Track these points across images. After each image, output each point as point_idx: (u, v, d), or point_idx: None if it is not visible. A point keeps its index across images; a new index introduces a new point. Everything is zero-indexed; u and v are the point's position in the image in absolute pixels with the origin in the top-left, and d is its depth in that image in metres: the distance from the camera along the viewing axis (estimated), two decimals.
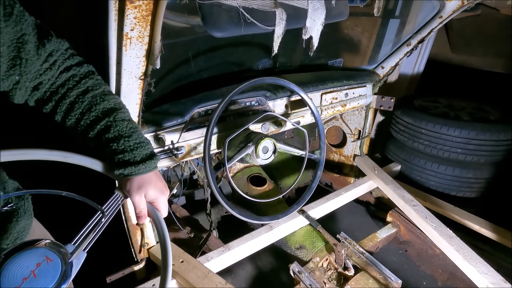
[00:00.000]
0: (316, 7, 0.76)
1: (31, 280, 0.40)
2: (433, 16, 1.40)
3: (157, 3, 0.58)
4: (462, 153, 1.72)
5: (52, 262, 0.42)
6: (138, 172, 0.64)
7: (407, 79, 2.43)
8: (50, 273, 0.41)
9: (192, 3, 0.69)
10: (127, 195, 0.67)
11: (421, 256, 1.61)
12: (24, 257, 0.41)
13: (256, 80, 1.09)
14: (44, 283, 0.40)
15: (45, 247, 0.43)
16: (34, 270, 0.40)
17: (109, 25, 0.62)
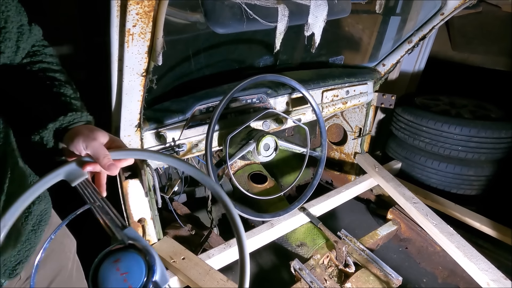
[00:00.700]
0: (318, 4, 0.76)
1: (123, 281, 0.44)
2: (434, 13, 1.40)
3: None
4: (463, 150, 1.72)
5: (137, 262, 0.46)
6: (88, 118, 0.60)
7: (408, 77, 2.43)
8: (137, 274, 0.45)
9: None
10: (82, 150, 0.55)
11: (422, 253, 1.61)
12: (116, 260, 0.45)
13: (258, 77, 1.09)
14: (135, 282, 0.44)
15: (129, 251, 0.47)
16: (124, 274, 0.44)
17: (111, 21, 0.62)
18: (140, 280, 0.44)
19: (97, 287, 0.44)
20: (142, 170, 1.07)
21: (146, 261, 0.46)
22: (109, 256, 0.46)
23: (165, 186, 1.54)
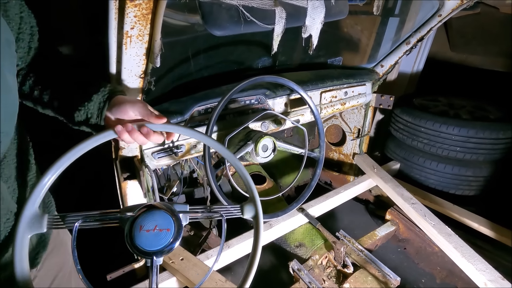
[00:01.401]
0: (316, 6, 0.76)
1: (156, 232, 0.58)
2: (432, 14, 1.41)
3: (157, 1, 0.59)
4: (461, 151, 1.73)
5: (167, 219, 0.59)
6: (121, 88, 0.68)
7: (407, 78, 2.43)
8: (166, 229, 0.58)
9: (192, 1, 0.69)
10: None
11: (420, 253, 1.62)
12: (149, 216, 0.58)
13: (256, 79, 1.09)
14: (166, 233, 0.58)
15: (161, 209, 0.60)
16: (157, 226, 0.57)
17: (109, 23, 0.62)
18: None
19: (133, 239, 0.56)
20: (140, 171, 1.08)
21: None
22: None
23: (163, 187, 1.54)
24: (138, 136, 0.61)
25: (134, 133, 0.60)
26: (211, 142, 0.68)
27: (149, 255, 0.56)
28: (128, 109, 0.62)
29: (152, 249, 0.56)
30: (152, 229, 0.57)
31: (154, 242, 0.56)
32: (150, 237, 0.56)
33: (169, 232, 0.58)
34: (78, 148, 0.58)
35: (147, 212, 0.58)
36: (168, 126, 0.64)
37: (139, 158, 1.09)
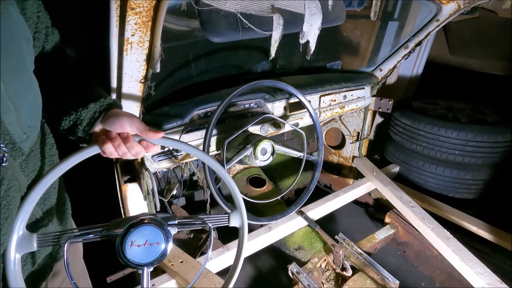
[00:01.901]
0: (313, 12, 0.78)
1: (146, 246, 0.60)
2: (430, 19, 1.42)
3: (157, 9, 0.60)
4: (460, 154, 1.74)
5: (156, 233, 0.61)
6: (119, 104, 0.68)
7: (406, 81, 2.45)
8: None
9: (191, 8, 0.71)
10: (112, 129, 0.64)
11: (419, 257, 1.62)
12: (139, 231, 0.60)
13: (255, 83, 1.10)
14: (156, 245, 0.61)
15: (150, 224, 0.61)
16: (147, 241, 0.60)
17: (111, 30, 0.64)
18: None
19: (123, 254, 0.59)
20: (141, 174, 1.09)
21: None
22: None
23: (164, 189, 1.55)
24: (136, 148, 0.61)
25: (132, 144, 0.61)
26: (201, 154, 0.69)
27: (140, 267, 0.60)
28: (125, 122, 0.62)
29: (144, 262, 0.60)
30: (142, 244, 0.60)
31: (145, 256, 0.60)
32: (141, 252, 0.60)
33: (159, 245, 0.61)
34: (62, 165, 0.58)
35: (137, 227, 0.60)
36: (164, 141, 0.64)
37: (139, 161, 1.10)
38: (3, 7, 0.48)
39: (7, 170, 0.52)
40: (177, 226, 0.64)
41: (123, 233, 0.59)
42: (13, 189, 0.54)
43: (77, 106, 0.62)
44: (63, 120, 0.63)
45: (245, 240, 0.70)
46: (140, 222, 0.60)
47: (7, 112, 0.50)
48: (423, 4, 1.40)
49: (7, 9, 0.49)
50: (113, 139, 0.60)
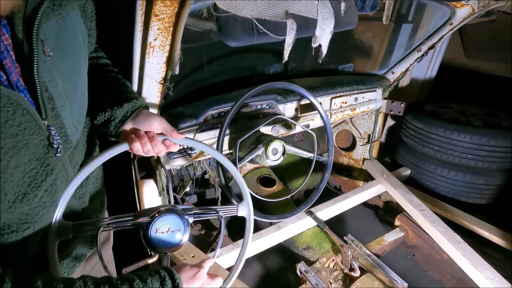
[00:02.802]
0: (325, 17, 0.80)
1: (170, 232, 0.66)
2: (443, 23, 1.42)
3: (179, 16, 0.64)
4: (473, 159, 1.72)
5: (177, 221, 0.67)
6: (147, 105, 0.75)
7: (419, 84, 2.43)
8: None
9: (208, 13, 0.74)
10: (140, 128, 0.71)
11: (429, 261, 1.61)
12: (163, 220, 0.66)
13: (268, 85, 1.14)
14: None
15: (172, 214, 0.67)
16: (170, 228, 0.66)
17: (135, 35, 0.69)
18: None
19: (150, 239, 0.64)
20: (157, 171, 1.14)
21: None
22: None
23: (177, 186, 1.60)
24: (159, 146, 0.68)
25: (156, 143, 0.67)
26: (217, 154, 0.79)
27: (164, 252, 0.66)
28: (155, 122, 0.69)
29: (167, 247, 0.66)
30: (166, 231, 0.66)
31: (168, 242, 0.66)
32: (164, 238, 0.66)
33: (180, 231, 0.67)
34: (96, 160, 0.65)
35: (161, 216, 0.66)
36: (186, 141, 0.73)
37: (155, 158, 1.15)
38: (65, 12, 0.54)
39: (59, 161, 0.57)
40: (193, 216, 0.70)
41: (148, 221, 0.65)
42: (60, 179, 0.59)
43: (112, 105, 0.68)
44: (98, 115, 0.69)
45: (251, 228, 0.79)
46: (163, 211, 0.66)
47: (63, 107, 0.56)
48: (437, 8, 1.40)
49: (69, 13, 0.55)
50: (141, 137, 0.66)
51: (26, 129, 0.49)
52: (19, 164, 0.49)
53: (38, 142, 0.52)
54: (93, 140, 0.74)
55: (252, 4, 0.67)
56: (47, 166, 0.55)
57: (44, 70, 0.51)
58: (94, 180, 0.76)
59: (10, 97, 0.46)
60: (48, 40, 0.51)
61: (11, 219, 0.53)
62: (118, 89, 0.73)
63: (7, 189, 0.48)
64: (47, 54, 0.51)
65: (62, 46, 0.54)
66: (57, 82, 0.54)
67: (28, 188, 0.52)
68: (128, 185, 1.21)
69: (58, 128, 0.56)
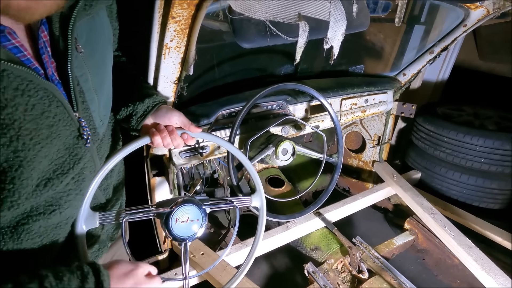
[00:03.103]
0: (337, 19, 0.81)
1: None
2: (457, 24, 1.40)
3: (195, 18, 0.66)
4: (486, 163, 1.69)
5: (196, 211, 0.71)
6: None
7: (431, 86, 2.40)
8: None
9: (222, 15, 0.76)
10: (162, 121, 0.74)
11: (439, 265, 1.59)
12: (182, 210, 0.70)
13: (279, 86, 1.15)
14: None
15: (191, 204, 0.71)
16: (189, 218, 0.70)
17: (152, 36, 0.71)
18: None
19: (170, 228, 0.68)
20: (168, 169, 1.17)
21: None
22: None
23: (187, 185, 1.63)
24: (178, 139, 0.72)
25: (175, 136, 0.71)
26: (232, 148, 0.84)
27: (183, 240, 0.70)
28: (174, 116, 0.73)
29: (186, 235, 0.70)
30: (185, 220, 0.70)
31: (187, 230, 0.70)
32: (184, 227, 0.70)
33: (198, 221, 0.71)
34: (121, 153, 0.69)
35: (180, 206, 0.70)
36: (203, 134, 0.77)
37: (168, 156, 1.17)
38: (94, 12, 0.57)
39: (87, 151, 0.60)
40: (210, 206, 0.74)
41: (169, 211, 0.68)
42: (88, 169, 0.63)
43: (134, 100, 0.72)
44: (121, 110, 0.73)
45: (264, 218, 0.83)
46: (182, 202, 0.69)
47: (92, 101, 0.59)
48: (450, 9, 1.39)
49: (98, 13, 0.59)
50: (161, 131, 0.70)
51: (60, 120, 0.53)
52: (48, 153, 0.52)
53: (69, 133, 0.55)
54: (117, 134, 0.78)
55: (266, 6, 0.69)
56: (76, 155, 0.58)
57: (76, 65, 0.54)
58: (117, 173, 0.79)
59: (47, 89, 0.50)
60: (80, 38, 0.55)
61: (38, 202, 0.56)
62: (139, 85, 0.77)
63: (34, 175, 0.51)
64: (79, 51, 0.54)
65: (92, 43, 0.58)
66: (87, 77, 0.57)
67: (53, 174, 0.55)
68: (140, 182, 1.24)
69: (87, 120, 0.59)
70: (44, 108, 0.50)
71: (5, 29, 0.46)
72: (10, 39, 0.47)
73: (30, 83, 0.47)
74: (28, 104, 0.47)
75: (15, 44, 0.47)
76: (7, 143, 0.46)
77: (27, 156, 0.49)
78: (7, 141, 0.46)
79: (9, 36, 0.46)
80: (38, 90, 0.48)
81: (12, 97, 0.45)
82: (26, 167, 0.49)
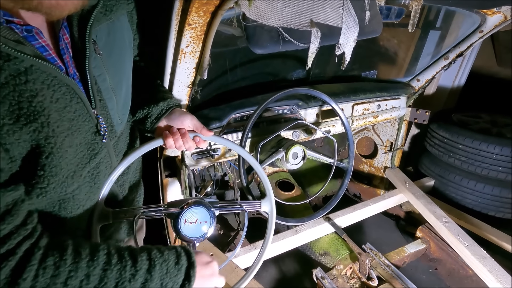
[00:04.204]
0: (350, 26, 0.82)
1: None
2: (473, 30, 1.38)
3: (210, 25, 0.69)
4: (503, 171, 1.64)
5: (204, 213, 0.72)
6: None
7: (446, 92, 2.35)
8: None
9: (236, 22, 0.79)
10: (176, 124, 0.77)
11: (453, 276, 1.55)
12: (191, 211, 0.71)
13: (290, 90, 1.16)
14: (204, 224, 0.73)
15: (200, 205, 0.72)
16: (197, 219, 0.71)
17: (169, 42, 0.74)
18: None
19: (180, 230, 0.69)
20: (181, 170, 1.19)
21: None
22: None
23: (198, 186, 1.66)
24: (190, 142, 0.74)
25: (187, 139, 0.74)
26: (243, 152, 0.85)
27: (191, 241, 0.70)
28: (186, 120, 0.75)
29: (194, 236, 0.70)
30: (194, 222, 0.71)
31: (195, 232, 0.70)
32: (192, 228, 0.70)
33: (207, 223, 0.71)
34: (134, 154, 0.72)
35: (190, 207, 0.71)
36: (214, 138, 0.79)
37: (180, 158, 1.20)
38: (115, 17, 0.61)
39: (104, 147, 0.64)
40: (219, 209, 0.75)
41: (179, 211, 0.70)
42: (103, 164, 0.66)
43: (149, 103, 0.76)
44: (137, 112, 0.77)
45: (273, 223, 0.82)
46: (192, 203, 0.71)
47: (110, 99, 0.63)
48: (466, 15, 1.37)
49: (118, 18, 0.62)
50: (174, 134, 0.72)
51: (80, 115, 0.56)
52: (72, 145, 0.56)
53: (88, 129, 0.59)
54: (135, 133, 0.81)
55: (279, 13, 0.71)
56: (93, 150, 0.61)
57: (94, 66, 0.58)
58: (133, 171, 0.82)
59: (68, 85, 0.53)
60: (99, 41, 0.58)
61: (66, 192, 0.59)
62: (154, 89, 0.80)
63: (62, 164, 0.55)
64: (97, 53, 0.58)
65: (111, 46, 0.61)
66: (105, 77, 0.61)
67: (77, 167, 0.58)
68: (153, 182, 1.27)
69: (105, 117, 0.63)
70: (66, 102, 0.53)
71: (33, 29, 0.49)
72: (38, 38, 0.50)
73: (55, 79, 0.51)
74: (53, 97, 0.51)
75: (41, 43, 0.51)
76: (39, 128, 0.49)
77: (56, 142, 0.52)
78: (39, 127, 0.49)
79: (36, 36, 0.50)
80: (61, 85, 0.52)
81: (41, 89, 0.49)
82: (56, 153, 0.52)
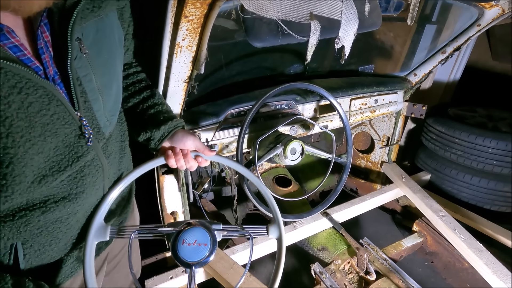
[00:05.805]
0: (349, 19, 0.81)
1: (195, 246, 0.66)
2: (470, 24, 1.37)
3: (207, 17, 0.67)
4: (499, 165, 1.65)
5: (204, 235, 0.67)
6: (183, 124, 0.80)
7: (442, 87, 2.35)
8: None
9: (234, 14, 0.76)
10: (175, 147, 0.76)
11: (449, 269, 1.57)
12: (190, 232, 0.67)
13: (288, 85, 1.15)
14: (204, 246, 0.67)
15: (200, 227, 0.68)
16: (196, 240, 0.66)
17: (164, 35, 0.71)
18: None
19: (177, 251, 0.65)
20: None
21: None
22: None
23: (195, 183, 1.64)
24: (191, 162, 0.75)
25: (189, 159, 0.74)
26: (248, 173, 0.81)
27: (189, 266, 0.66)
28: (188, 141, 0.75)
29: (192, 260, 0.65)
30: (192, 243, 0.66)
31: (194, 254, 0.65)
32: (190, 250, 0.65)
33: (206, 246, 0.66)
34: (137, 171, 0.71)
35: (189, 228, 0.67)
36: (217, 158, 0.77)
37: None
38: (104, 13, 0.58)
39: (91, 150, 0.61)
40: (221, 232, 0.70)
41: (177, 231, 0.66)
42: (91, 167, 0.63)
43: (152, 126, 0.76)
44: (141, 134, 0.77)
45: (283, 251, 0.73)
46: (193, 225, 0.67)
47: (96, 101, 0.60)
48: (464, 8, 1.36)
49: (107, 15, 0.59)
50: (176, 154, 0.73)
51: (58, 119, 0.53)
52: (42, 151, 0.53)
53: (70, 131, 0.56)
54: (123, 133, 0.78)
55: (278, 5, 0.69)
56: (75, 153, 0.58)
57: (79, 66, 0.55)
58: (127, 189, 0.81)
59: (46, 88, 0.50)
60: (86, 39, 0.55)
61: (34, 197, 0.57)
62: (156, 110, 0.79)
63: (27, 172, 0.52)
64: (83, 52, 0.54)
65: (99, 45, 0.58)
66: (91, 77, 0.58)
67: (49, 171, 0.55)
68: (150, 179, 1.25)
69: (90, 119, 0.60)
70: (43, 106, 0.50)
71: (3, 27, 0.46)
72: (9, 37, 0.47)
73: (29, 81, 0.48)
74: (24, 102, 0.48)
75: (14, 43, 0.48)
76: None
77: (17, 153, 0.49)
78: None
79: (8, 34, 0.47)
80: (37, 88, 0.49)
81: (7, 95, 0.46)
82: (17, 164, 0.50)
